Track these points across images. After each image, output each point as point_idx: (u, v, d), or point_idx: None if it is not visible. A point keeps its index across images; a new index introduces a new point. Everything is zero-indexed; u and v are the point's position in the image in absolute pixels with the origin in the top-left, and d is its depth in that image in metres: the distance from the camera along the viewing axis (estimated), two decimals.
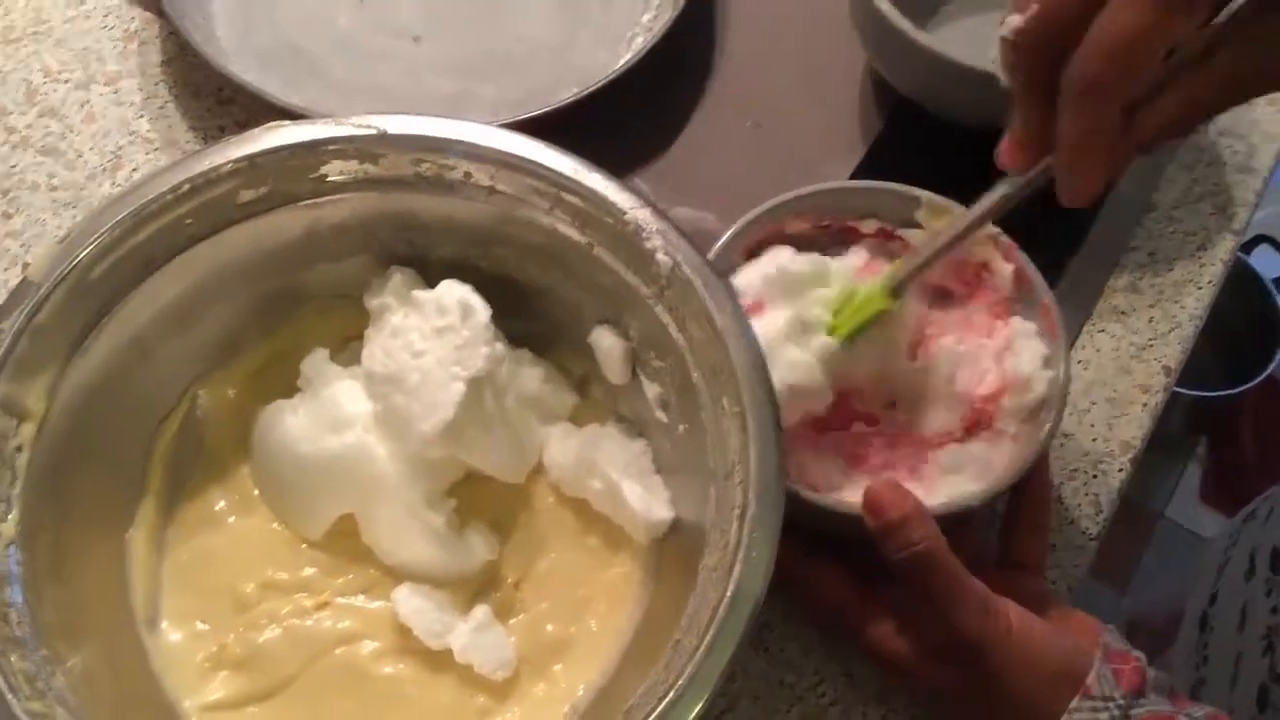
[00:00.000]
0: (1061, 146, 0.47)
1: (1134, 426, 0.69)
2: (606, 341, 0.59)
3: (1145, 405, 0.69)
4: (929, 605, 0.54)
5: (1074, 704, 0.52)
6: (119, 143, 0.76)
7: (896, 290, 0.59)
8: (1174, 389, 0.71)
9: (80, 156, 0.76)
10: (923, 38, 0.69)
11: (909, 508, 0.53)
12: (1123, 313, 0.72)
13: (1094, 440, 0.68)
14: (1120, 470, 0.67)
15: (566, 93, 0.73)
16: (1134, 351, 0.71)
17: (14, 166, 0.75)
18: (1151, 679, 0.53)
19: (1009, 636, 0.53)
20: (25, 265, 0.71)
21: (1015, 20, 0.47)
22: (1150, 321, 0.72)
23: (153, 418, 0.60)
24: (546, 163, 0.56)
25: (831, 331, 0.59)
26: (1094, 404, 0.69)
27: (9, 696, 0.46)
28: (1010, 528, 0.61)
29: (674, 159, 0.77)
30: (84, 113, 0.77)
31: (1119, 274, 0.74)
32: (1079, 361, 0.70)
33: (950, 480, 0.60)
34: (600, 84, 0.72)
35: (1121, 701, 0.52)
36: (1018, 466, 0.57)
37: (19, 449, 0.51)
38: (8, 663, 0.47)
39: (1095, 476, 0.67)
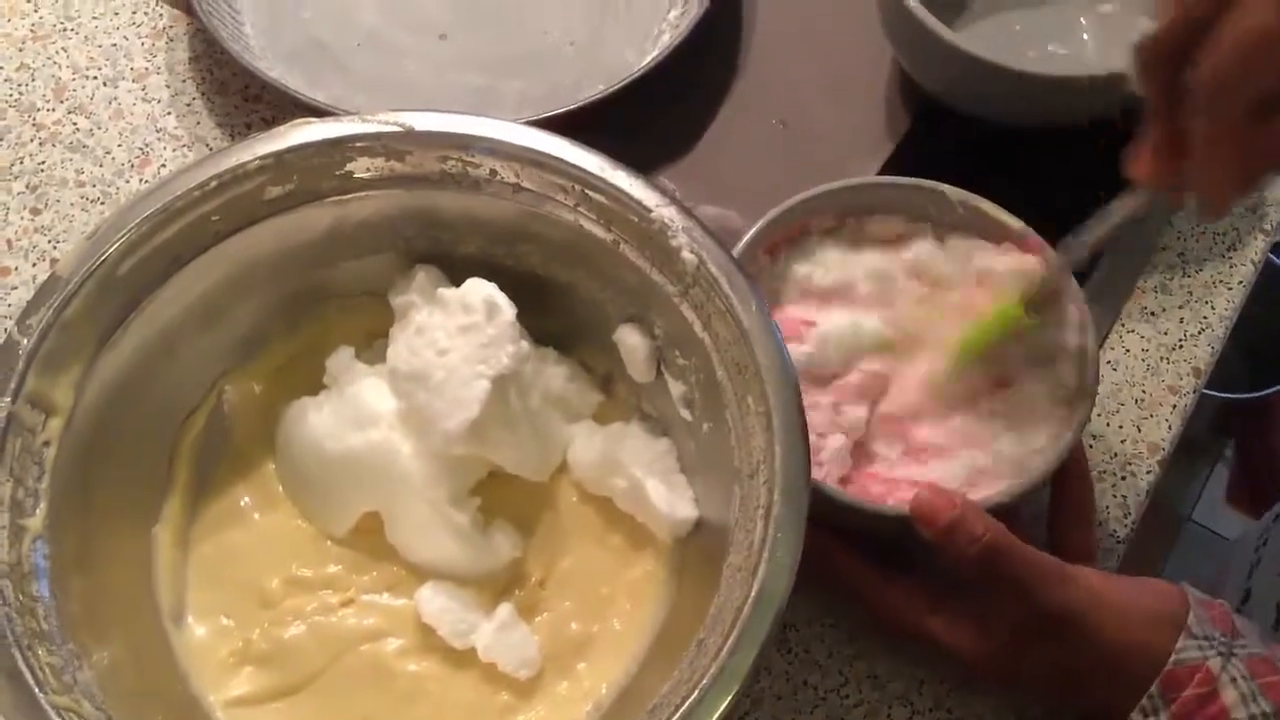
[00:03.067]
0: (1193, 152, 0.47)
1: (1163, 428, 0.68)
2: (631, 340, 0.59)
3: (1174, 407, 0.69)
4: (1007, 592, 0.54)
5: (1180, 643, 0.52)
6: (147, 139, 0.76)
7: (1032, 306, 0.59)
8: (1202, 391, 0.71)
9: (108, 153, 0.76)
10: (951, 36, 0.68)
11: (960, 507, 0.53)
12: (1152, 313, 0.72)
13: (1122, 441, 0.68)
14: (1149, 472, 0.67)
15: (592, 90, 0.73)
16: (1163, 353, 0.70)
17: (42, 163, 0.75)
18: (1239, 624, 0.54)
19: (1096, 596, 0.53)
20: (54, 261, 0.72)
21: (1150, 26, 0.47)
22: (1180, 322, 0.71)
23: (178, 413, 0.60)
24: (572, 160, 0.56)
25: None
26: (1122, 405, 0.69)
27: (36, 690, 0.46)
28: (1056, 522, 0.61)
29: (700, 157, 0.77)
30: (112, 109, 0.78)
31: (1148, 274, 0.73)
32: (1108, 362, 0.70)
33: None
34: (626, 81, 0.72)
35: (1224, 639, 0.52)
36: (1050, 460, 0.57)
37: (46, 444, 0.52)
38: (35, 656, 0.47)
39: (1124, 478, 0.66)
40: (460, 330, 0.56)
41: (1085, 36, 0.77)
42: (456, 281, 0.59)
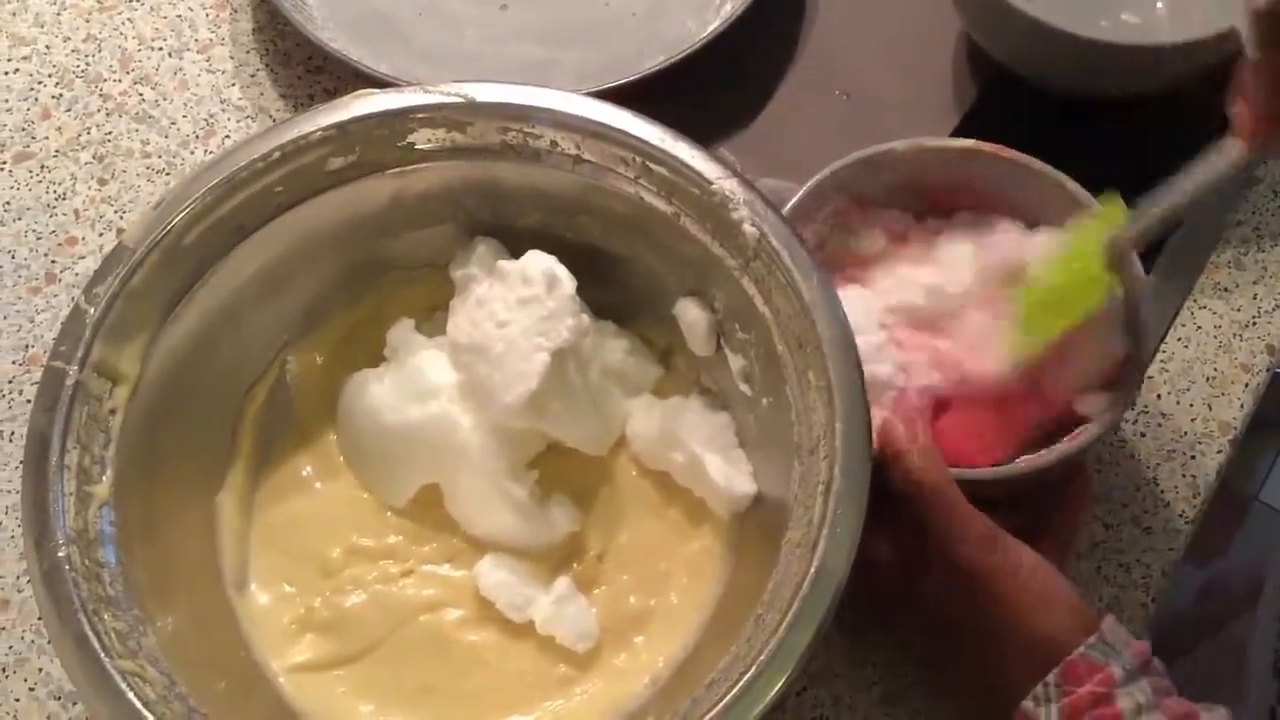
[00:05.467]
0: None
1: (1234, 406, 0.67)
2: (691, 313, 0.59)
3: (1246, 385, 0.67)
4: (930, 540, 0.52)
5: (1090, 640, 0.50)
6: (211, 110, 0.77)
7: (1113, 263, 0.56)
8: (1275, 369, 0.69)
9: (173, 124, 0.77)
10: (1022, 3, 0.67)
11: (914, 443, 0.52)
12: (1225, 289, 0.70)
13: (1192, 420, 0.66)
14: (1219, 452, 0.65)
15: (653, 61, 0.72)
16: (1235, 330, 0.69)
17: (109, 133, 0.76)
18: (1158, 667, 0.51)
19: (1019, 570, 0.51)
20: (120, 231, 0.73)
21: None
22: (1254, 299, 0.70)
23: (242, 383, 0.61)
24: (633, 132, 0.55)
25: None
26: (1193, 383, 0.67)
27: (102, 654, 0.47)
28: (1045, 509, 0.58)
29: (761, 129, 0.76)
30: (177, 80, 0.78)
31: (1222, 249, 0.71)
32: (1178, 339, 0.68)
33: None
34: (687, 52, 0.72)
35: (1135, 666, 0.49)
36: (1092, 432, 0.56)
37: (113, 411, 0.52)
38: (101, 621, 0.48)
39: (1193, 458, 0.65)
40: (520, 303, 0.56)
41: (1159, 4, 0.75)
42: (516, 254, 0.59)
